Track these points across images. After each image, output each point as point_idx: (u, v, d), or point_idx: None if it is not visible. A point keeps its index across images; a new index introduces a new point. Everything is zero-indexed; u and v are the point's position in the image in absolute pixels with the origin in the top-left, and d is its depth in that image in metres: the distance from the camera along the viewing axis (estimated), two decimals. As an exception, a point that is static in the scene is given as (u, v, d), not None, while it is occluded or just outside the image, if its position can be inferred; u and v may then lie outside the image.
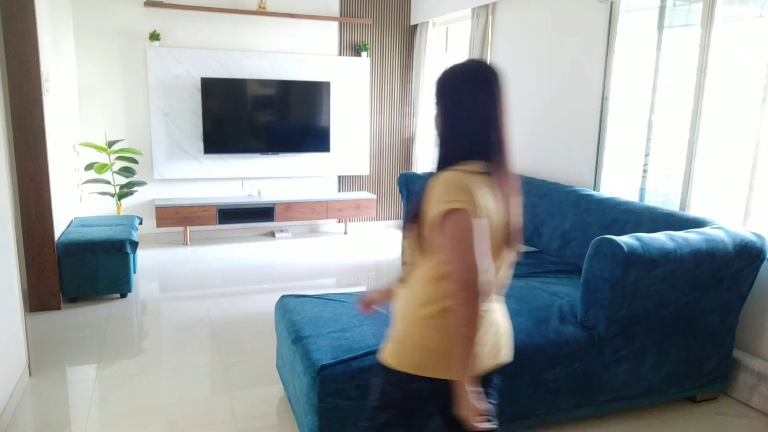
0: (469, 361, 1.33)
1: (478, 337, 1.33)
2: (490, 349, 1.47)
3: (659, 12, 3.52)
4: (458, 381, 1.34)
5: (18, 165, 3.52)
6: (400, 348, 1.47)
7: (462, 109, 1.42)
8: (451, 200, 1.32)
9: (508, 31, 4.71)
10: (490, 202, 1.39)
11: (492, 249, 1.39)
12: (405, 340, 1.46)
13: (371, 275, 4.88)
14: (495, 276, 1.48)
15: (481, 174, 1.40)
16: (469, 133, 1.42)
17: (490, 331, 1.47)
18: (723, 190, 3.16)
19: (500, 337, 1.52)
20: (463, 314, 1.30)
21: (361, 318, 2.48)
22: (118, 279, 3.97)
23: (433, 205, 1.36)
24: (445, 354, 1.38)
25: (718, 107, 3.13)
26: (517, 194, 1.51)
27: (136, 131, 5.47)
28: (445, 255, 1.34)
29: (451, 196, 1.33)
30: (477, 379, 1.37)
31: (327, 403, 2.09)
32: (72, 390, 2.83)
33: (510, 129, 1.45)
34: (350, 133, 6.16)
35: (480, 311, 1.30)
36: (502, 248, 1.48)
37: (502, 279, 1.55)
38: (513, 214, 1.49)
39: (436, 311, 1.41)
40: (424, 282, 1.44)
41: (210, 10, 5.38)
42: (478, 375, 1.39)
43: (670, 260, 2.38)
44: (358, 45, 6.07)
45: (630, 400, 2.61)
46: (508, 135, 1.45)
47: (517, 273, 3.33)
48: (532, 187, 4.07)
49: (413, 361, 1.43)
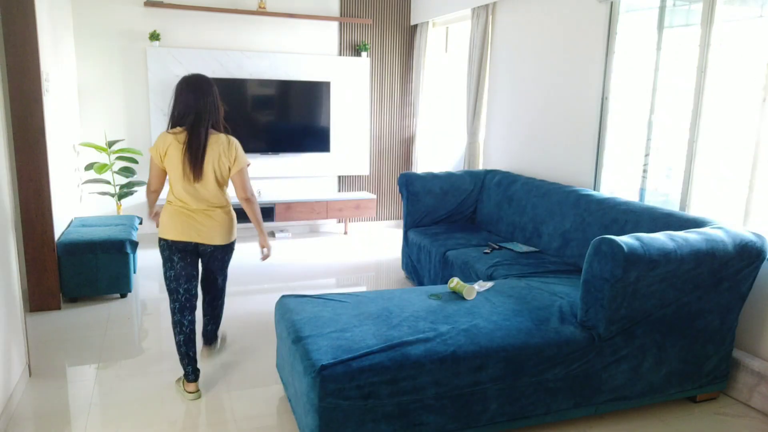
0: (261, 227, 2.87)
1: (258, 218, 2.83)
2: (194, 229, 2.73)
3: (659, 12, 3.52)
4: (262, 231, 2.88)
5: (18, 165, 3.52)
6: (229, 230, 2.82)
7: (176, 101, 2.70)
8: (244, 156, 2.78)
9: (508, 31, 4.71)
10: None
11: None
12: (229, 225, 2.81)
13: (371, 275, 4.88)
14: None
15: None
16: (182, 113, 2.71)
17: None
18: (723, 190, 3.16)
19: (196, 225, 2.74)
20: (256, 210, 2.80)
21: (361, 318, 2.48)
22: (118, 279, 3.98)
23: (243, 158, 2.74)
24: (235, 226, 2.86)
25: (718, 107, 3.13)
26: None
27: (136, 131, 5.47)
28: (246, 185, 2.77)
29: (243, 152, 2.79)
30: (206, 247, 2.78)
31: (327, 403, 2.09)
32: (72, 390, 2.83)
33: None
34: (350, 133, 6.17)
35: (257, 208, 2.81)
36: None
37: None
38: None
39: (230, 212, 2.81)
40: (224, 201, 2.78)
41: (210, 10, 5.39)
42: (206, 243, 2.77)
43: (670, 260, 2.38)
44: (358, 45, 6.07)
45: (630, 400, 2.61)
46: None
47: (517, 273, 3.33)
48: (532, 187, 4.07)
49: (235, 234, 2.87)
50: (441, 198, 4.55)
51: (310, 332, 2.34)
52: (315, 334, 2.33)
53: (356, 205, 6.03)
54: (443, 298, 2.77)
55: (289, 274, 4.82)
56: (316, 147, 5.95)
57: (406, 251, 4.60)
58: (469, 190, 4.62)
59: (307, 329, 2.37)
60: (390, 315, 2.53)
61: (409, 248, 4.50)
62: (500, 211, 4.32)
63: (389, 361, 2.16)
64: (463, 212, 4.65)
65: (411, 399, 2.21)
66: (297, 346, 2.29)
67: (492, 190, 4.49)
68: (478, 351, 2.29)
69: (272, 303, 4.07)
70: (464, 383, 2.28)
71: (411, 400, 2.21)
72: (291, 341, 2.37)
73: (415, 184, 4.50)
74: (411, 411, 2.23)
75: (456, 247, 3.94)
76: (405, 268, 4.66)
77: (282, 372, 2.70)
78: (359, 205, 6.05)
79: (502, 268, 3.43)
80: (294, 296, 2.78)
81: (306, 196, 5.95)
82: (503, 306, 2.69)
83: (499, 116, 4.91)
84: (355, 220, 6.44)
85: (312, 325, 2.41)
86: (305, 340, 2.29)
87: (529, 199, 4.04)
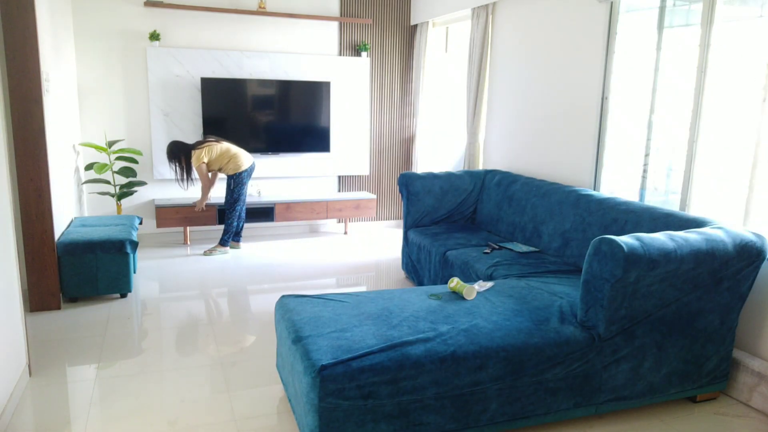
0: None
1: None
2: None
3: (659, 12, 3.52)
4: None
5: (18, 165, 3.52)
6: (235, 168, 5.15)
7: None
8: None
9: (508, 31, 4.72)
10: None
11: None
12: (234, 166, 5.13)
13: (371, 275, 4.88)
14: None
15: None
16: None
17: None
18: (723, 190, 3.16)
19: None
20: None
21: (361, 318, 2.48)
22: (118, 279, 3.98)
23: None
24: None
25: (718, 107, 3.13)
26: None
27: (136, 131, 5.47)
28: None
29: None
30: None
31: (327, 403, 2.09)
32: (72, 390, 2.83)
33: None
34: (350, 133, 6.17)
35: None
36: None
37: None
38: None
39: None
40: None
41: (210, 10, 5.39)
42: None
43: (670, 260, 2.38)
44: (358, 45, 6.07)
45: (630, 400, 2.61)
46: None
47: (517, 273, 3.33)
48: (532, 187, 4.07)
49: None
50: (441, 198, 4.55)
51: (310, 332, 2.34)
52: (315, 334, 2.33)
53: (356, 205, 6.04)
54: (443, 298, 2.77)
55: (289, 274, 4.82)
56: (316, 147, 5.96)
57: (406, 251, 4.60)
58: (469, 190, 4.62)
59: (307, 329, 2.37)
60: (390, 315, 2.53)
61: (409, 248, 4.50)
62: (500, 211, 4.32)
63: (389, 361, 2.17)
64: (463, 212, 4.65)
65: (411, 399, 2.21)
66: (297, 346, 2.29)
67: (492, 190, 4.49)
68: (478, 351, 2.30)
69: (272, 303, 4.07)
70: (464, 383, 2.28)
71: (411, 400, 2.21)
72: (291, 341, 2.37)
73: (415, 184, 4.50)
74: (411, 411, 2.23)
75: (456, 247, 3.94)
76: (405, 268, 4.66)
77: (282, 372, 2.70)
78: (359, 205, 6.05)
79: (502, 268, 3.43)
80: (294, 296, 2.78)
81: (306, 196, 5.95)
82: (503, 306, 2.69)
83: (499, 116, 4.91)
84: (355, 220, 6.44)
85: (312, 325, 2.41)
86: (305, 340, 2.29)
87: (529, 199, 4.04)
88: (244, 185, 5.16)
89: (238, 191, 5.13)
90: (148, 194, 5.61)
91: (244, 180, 5.13)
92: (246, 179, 5.15)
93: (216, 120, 5.55)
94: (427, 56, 6.04)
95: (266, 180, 6.01)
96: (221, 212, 5.52)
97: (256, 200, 5.67)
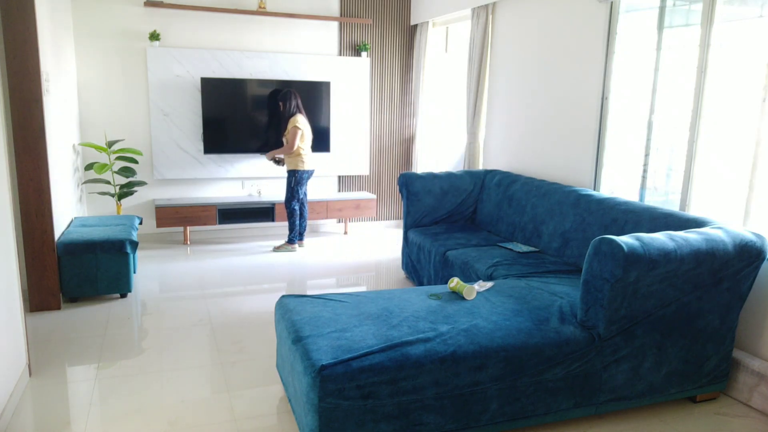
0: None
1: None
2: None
3: (659, 12, 3.52)
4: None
5: (18, 165, 3.52)
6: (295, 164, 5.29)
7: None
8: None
9: (508, 31, 4.72)
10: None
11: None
12: (296, 161, 5.25)
13: (371, 275, 4.88)
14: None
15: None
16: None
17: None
18: (723, 190, 3.16)
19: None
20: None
21: (361, 318, 2.48)
22: (118, 279, 3.98)
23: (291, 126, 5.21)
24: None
25: (718, 107, 3.13)
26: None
27: (136, 131, 5.47)
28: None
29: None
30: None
31: (327, 403, 2.09)
32: (72, 390, 2.83)
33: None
34: (350, 132, 6.17)
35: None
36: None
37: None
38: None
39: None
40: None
41: (210, 10, 5.39)
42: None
43: (670, 260, 2.38)
44: (358, 45, 6.07)
45: (630, 400, 2.61)
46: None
47: (517, 273, 3.33)
48: (532, 187, 4.07)
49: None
50: (441, 198, 4.55)
51: (310, 332, 2.34)
52: (315, 334, 2.33)
53: (356, 205, 6.04)
54: (443, 298, 2.77)
55: (289, 274, 4.82)
56: (316, 147, 5.94)
57: (406, 251, 4.60)
58: (469, 190, 4.62)
59: (307, 329, 2.37)
60: (390, 315, 2.53)
61: (409, 248, 4.50)
62: (500, 211, 4.32)
63: (389, 361, 2.17)
64: (463, 212, 4.66)
65: (411, 399, 2.21)
66: (297, 346, 2.29)
67: (492, 190, 4.49)
68: (478, 351, 2.30)
69: (272, 303, 4.07)
70: (464, 383, 2.28)
71: (411, 400, 2.21)
72: (291, 341, 2.37)
73: (415, 184, 4.50)
74: (411, 411, 2.23)
75: (456, 247, 3.94)
76: (405, 268, 4.66)
77: (282, 372, 2.70)
78: (359, 205, 6.05)
79: (502, 268, 3.43)
80: (294, 296, 2.78)
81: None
82: (503, 306, 2.69)
83: (499, 116, 4.91)
84: (355, 220, 6.44)
85: (312, 325, 2.41)
86: (305, 340, 2.29)
87: (529, 199, 4.04)
88: (304, 185, 5.37)
89: (297, 189, 5.33)
90: (148, 194, 5.61)
91: (304, 180, 5.35)
92: (306, 179, 5.37)
93: (216, 120, 5.55)
94: (427, 56, 6.04)
95: (266, 180, 6.01)
96: (221, 212, 5.52)
97: (256, 200, 5.67)
